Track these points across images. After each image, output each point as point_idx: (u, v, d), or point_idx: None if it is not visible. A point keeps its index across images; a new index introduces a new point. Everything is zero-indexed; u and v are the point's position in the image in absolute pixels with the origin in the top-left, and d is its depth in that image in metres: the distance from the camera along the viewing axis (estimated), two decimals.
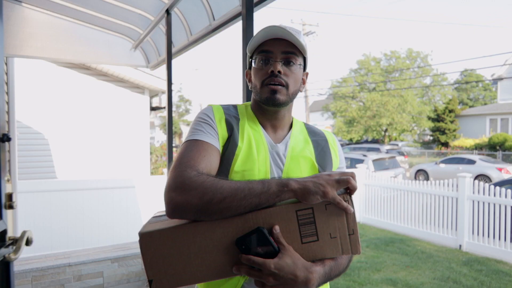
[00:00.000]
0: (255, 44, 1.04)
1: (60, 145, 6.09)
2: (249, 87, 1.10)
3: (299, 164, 1.03)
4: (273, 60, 1.01)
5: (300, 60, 1.04)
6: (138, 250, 2.85)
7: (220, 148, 0.98)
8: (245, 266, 0.80)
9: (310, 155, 1.06)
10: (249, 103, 1.14)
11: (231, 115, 1.05)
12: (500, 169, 12.20)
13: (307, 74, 1.12)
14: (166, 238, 0.82)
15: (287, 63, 1.02)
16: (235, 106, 1.12)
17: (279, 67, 1.00)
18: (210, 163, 0.91)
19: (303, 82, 1.10)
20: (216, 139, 0.97)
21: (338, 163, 1.12)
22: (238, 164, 0.97)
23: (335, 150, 1.12)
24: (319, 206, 0.85)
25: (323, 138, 1.13)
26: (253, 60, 1.06)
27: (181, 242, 0.82)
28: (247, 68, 1.13)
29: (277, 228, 0.83)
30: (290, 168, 1.02)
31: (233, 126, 1.02)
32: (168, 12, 2.70)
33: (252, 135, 1.03)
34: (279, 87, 0.99)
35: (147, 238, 0.82)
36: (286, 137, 1.07)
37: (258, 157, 0.99)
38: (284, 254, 0.81)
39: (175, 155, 1.01)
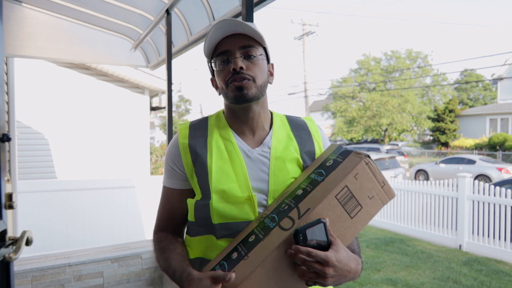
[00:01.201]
0: (211, 47, 1.01)
1: (60, 145, 6.10)
2: (218, 93, 1.06)
3: (285, 165, 0.99)
4: (233, 57, 0.97)
5: (260, 51, 1.00)
6: (138, 250, 2.84)
7: (191, 178, 1.01)
8: (300, 257, 0.81)
9: (295, 153, 1.02)
10: (222, 110, 1.09)
11: (198, 135, 1.03)
12: (500, 169, 12.20)
13: (272, 65, 1.07)
14: None
15: (248, 57, 0.98)
16: (205, 119, 1.08)
17: (240, 63, 0.96)
18: (169, 208, 1.08)
19: (271, 74, 1.05)
20: (179, 180, 1.05)
21: None
22: (214, 182, 0.95)
23: (319, 143, 1.08)
24: (350, 179, 0.89)
25: (306, 131, 1.08)
26: (212, 65, 1.03)
27: None
28: (210, 75, 1.10)
29: (327, 220, 0.85)
30: (276, 170, 0.98)
31: (196, 150, 1.00)
32: (168, 12, 2.70)
33: (223, 146, 1.00)
34: (245, 82, 0.96)
35: None
36: (267, 138, 1.03)
37: (234, 168, 0.97)
38: (339, 246, 0.84)
39: None
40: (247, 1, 1.68)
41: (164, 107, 7.44)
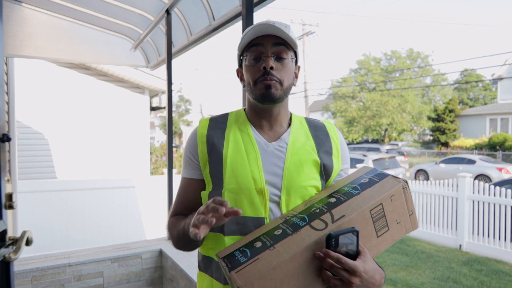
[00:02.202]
0: (246, 42, 1.02)
1: (60, 145, 6.10)
2: (242, 85, 1.09)
3: (301, 161, 1.00)
4: (265, 56, 0.99)
5: (291, 54, 1.02)
6: (138, 250, 2.83)
7: (204, 168, 1.03)
8: (329, 261, 0.80)
9: (311, 151, 1.02)
10: (243, 108, 1.12)
11: (217, 127, 1.05)
12: (500, 169, 12.20)
13: (299, 67, 1.09)
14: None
15: (279, 58, 1.00)
16: (226, 115, 1.11)
17: (271, 62, 0.98)
18: (186, 197, 1.10)
19: (296, 76, 1.07)
20: (195, 170, 1.06)
21: (340, 158, 1.08)
22: (229, 172, 0.97)
23: (336, 145, 1.08)
24: (386, 199, 0.90)
25: (324, 132, 1.09)
26: (243, 58, 1.04)
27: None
28: (238, 66, 1.11)
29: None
30: (291, 166, 0.99)
31: (213, 140, 1.02)
32: (168, 12, 2.70)
33: (240, 138, 1.02)
34: (273, 81, 0.98)
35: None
36: (285, 134, 1.04)
37: (249, 159, 0.98)
38: (367, 257, 0.84)
39: (175, 155, 1.04)
40: (247, 1, 1.69)
41: (164, 107, 7.44)
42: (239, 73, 1.10)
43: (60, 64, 6.09)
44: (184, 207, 1.09)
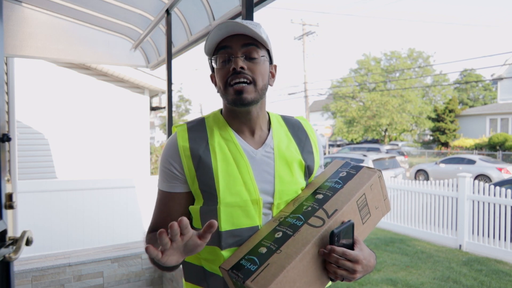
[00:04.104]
0: (213, 44, 0.97)
1: (60, 145, 6.09)
2: (216, 90, 1.03)
3: (288, 165, 1.00)
4: (234, 57, 0.94)
5: (263, 53, 0.97)
6: (138, 250, 2.83)
7: (192, 183, 0.97)
8: (334, 256, 0.84)
9: (296, 153, 1.02)
10: (219, 110, 1.08)
11: (197, 137, 0.99)
12: (500, 169, 12.19)
13: (275, 66, 1.05)
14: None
15: (250, 58, 0.95)
16: (202, 120, 1.05)
17: (241, 62, 0.93)
18: (168, 212, 1.01)
19: (272, 75, 1.03)
20: (180, 184, 0.99)
21: (319, 155, 1.09)
22: (222, 186, 0.93)
23: (315, 142, 1.09)
24: (367, 189, 0.97)
25: (303, 132, 1.09)
26: (213, 61, 0.99)
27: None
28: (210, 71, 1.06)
29: None
30: (280, 171, 0.98)
31: (199, 153, 0.96)
32: (168, 12, 2.69)
33: (227, 148, 0.97)
34: (245, 85, 0.93)
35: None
36: (268, 139, 1.02)
37: (240, 170, 0.95)
38: (362, 245, 0.91)
39: None
40: (247, 1, 1.68)
41: (164, 107, 7.44)
42: (213, 78, 1.05)
43: (60, 64, 6.09)
44: (166, 222, 0.99)
